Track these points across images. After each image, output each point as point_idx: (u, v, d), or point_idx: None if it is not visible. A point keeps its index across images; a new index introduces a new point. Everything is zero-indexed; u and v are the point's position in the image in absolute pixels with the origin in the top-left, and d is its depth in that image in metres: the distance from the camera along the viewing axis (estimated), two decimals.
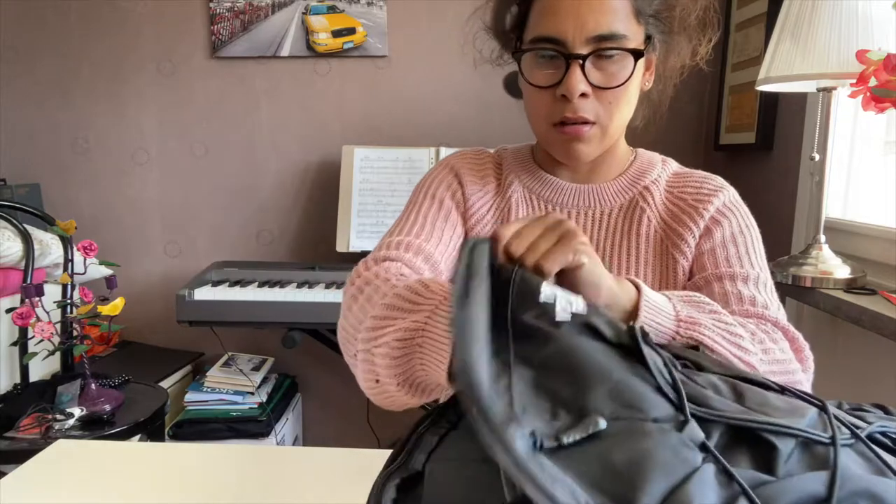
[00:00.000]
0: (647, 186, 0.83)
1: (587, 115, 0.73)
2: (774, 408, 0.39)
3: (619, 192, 0.84)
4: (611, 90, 0.72)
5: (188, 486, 0.70)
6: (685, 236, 0.80)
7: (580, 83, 0.71)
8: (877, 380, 1.26)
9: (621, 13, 0.71)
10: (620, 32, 0.70)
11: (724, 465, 0.33)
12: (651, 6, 0.74)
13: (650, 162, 0.86)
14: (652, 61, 0.79)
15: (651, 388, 0.37)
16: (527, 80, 0.75)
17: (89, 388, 1.49)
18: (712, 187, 0.82)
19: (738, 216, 0.81)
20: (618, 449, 0.33)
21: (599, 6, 0.70)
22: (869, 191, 1.46)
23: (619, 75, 0.72)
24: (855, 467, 0.35)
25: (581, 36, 0.70)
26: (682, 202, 0.82)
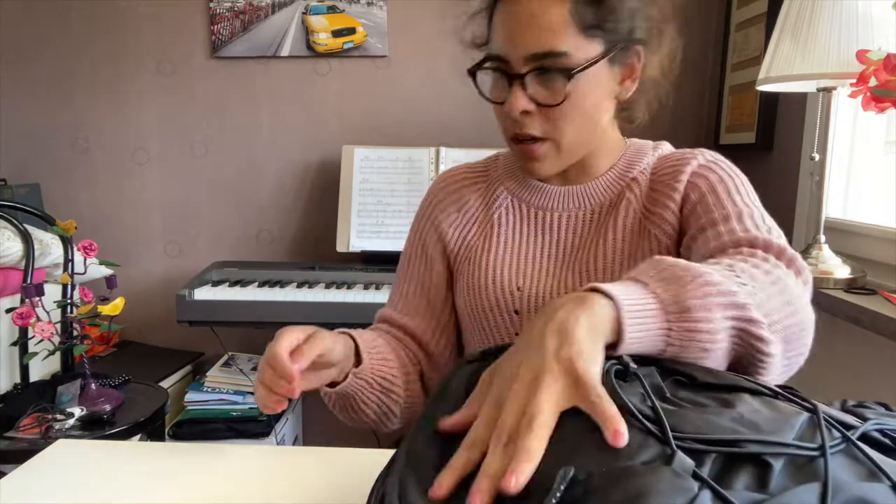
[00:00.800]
0: (634, 178, 0.83)
1: (533, 132, 0.74)
2: (765, 418, 0.39)
3: (606, 187, 0.83)
4: (555, 107, 0.72)
5: (188, 486, 0.70)
6: (664, 214, 0.79)
7: (519, 102, 0.72)
8: (877, 380, 1.26)
9: (561, 30, 0.70)
10: (559, 50, 0.70)
11: (717, 490, 0.33)
12: (594, 16, 0.71)
13: (640, 151, 0.85)
14: (634, 66, 0.77)
15: (636, 431, 0.37)
16: (484, 96, 0.78)
17: (89, 388, 1.49)
18: (683, 157, 0.82)
19: (715, 170, 0.80)
20: (615, 492, 0.33)
21: (537, 24, 0.70)
22: (869, 191, 1.46)
23: (560, 93, 0.72)
24: (846, 474, 0.35)
25: (520, 55, 0.72)
26: (660, 183, 0.81)
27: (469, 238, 0.88)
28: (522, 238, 0.85)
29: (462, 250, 0.88)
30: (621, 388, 0.40)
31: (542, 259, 0.84)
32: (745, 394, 0.42)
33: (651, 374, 0.44)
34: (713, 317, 0.49)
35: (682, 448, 0.36)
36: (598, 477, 0.34)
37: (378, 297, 1.73)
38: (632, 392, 0.41)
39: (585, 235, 0.83)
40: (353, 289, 1.78)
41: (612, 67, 0.75)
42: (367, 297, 1.74)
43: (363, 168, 2.01)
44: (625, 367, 0.44)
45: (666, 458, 0.35)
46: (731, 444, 0.36)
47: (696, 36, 2.11)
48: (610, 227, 0.81)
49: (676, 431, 0.37)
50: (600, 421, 0.38)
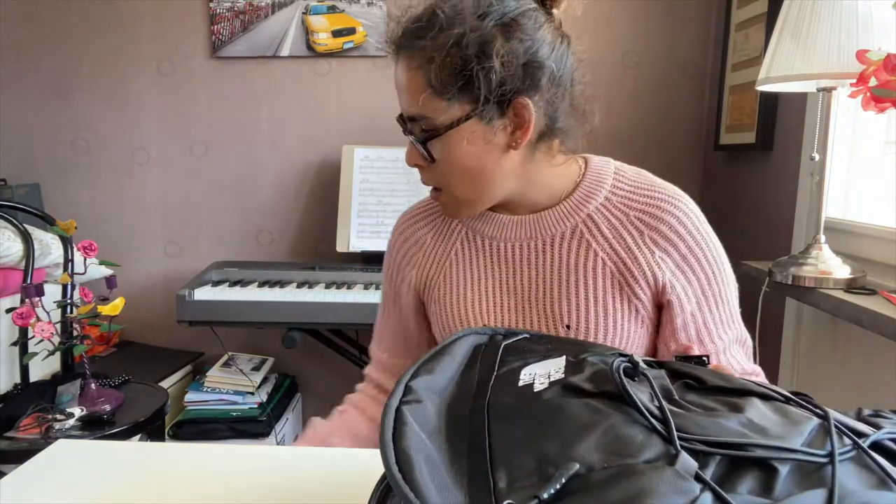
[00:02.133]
0: (590, 215, 0.80)
1: (430, 184, 0.82)
2: (773, 423, 0.38)
3: (560, 218, 0.81)
4: (434, 164, 0.77)
5: (188, 486, 0.70)
6: (636, 275, 0.78)
7: (409, 157, 0.80)
8: (877, 380, 1.26)
9: (419, 96, 0.73)
10: (421, 114, 0.75)
11: (719, 493, 0.33)
12: (443, 79, 0.71)
13: (598, 180, 0.82)
14: (522, 115, 0.73)
15: (641, 428, 0.37)
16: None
17: (89, 388, 1.49)
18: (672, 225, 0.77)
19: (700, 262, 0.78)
20: (614, 491, 0.33)
21: (405, 88, 0.75)
22: (869, 191, 1.46)
23: (431, 153, 0.77)
24: (854, 482, 0.35)
25: (403, 114, 0.78)
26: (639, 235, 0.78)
27: (431, 276, 0.89)
28: (481, 271, 0.85)
29: (427, 290, 0.90)
30: (629, 387, 0.40)
31: (502, 293, 0.84)
32: (755, 398, 0.42)
33: (660, 376, 0.44)
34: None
35: (687, 449, 0.36)
36: (598, 472, 0.34)
37: (378, 298, 1.72)
38: (640, 391, 0.41)
39: (542, 269, 0.82)
40: (353, 289, 1.78)
41: (492, 122, 0.73)
42: (367, 297, 1.74)
43: (363, 168, 2.01)
44: (634, 367, 0.44)
45: (669, 459, 0.35)
46: (737, 448, 0.36)
47: (696, 36, 2.11)
48: (572, 269, 0.80)
49: (682, 432, 0.37)
50: None
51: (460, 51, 0.70)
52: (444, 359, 0.52)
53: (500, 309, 0.83)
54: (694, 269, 0.78)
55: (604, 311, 0.79)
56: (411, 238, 0.92)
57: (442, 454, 0.41)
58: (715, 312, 0.80)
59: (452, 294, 0.86)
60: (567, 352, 0.50)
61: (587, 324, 0.79)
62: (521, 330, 0.60)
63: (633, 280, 0.78)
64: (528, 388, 0.45)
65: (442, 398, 0.47)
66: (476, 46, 0.70)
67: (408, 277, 0.92)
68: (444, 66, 0.71)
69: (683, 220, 0.78)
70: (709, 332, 0.79)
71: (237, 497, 0.67)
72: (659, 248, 0.78)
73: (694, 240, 0.78)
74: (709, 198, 2.13)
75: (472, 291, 0.85)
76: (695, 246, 0.78)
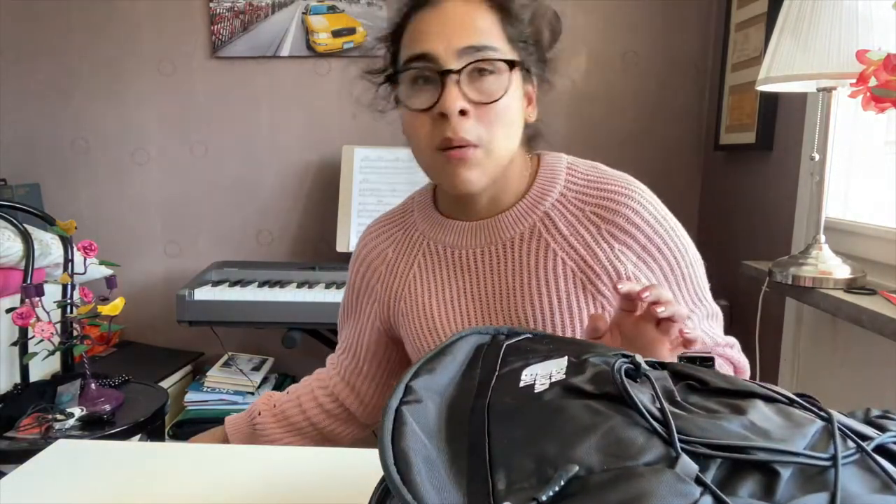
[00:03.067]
0: (546, 213, 0.79)
1: (468, 137, 0.71)
2: (776, 425, 0.38)
3: (516, 220, 0.80)
4: (490, 106, 0.71)
5: (188, 486, 0.70)
6: (599, 273, 0.77)
7: (457, 99, 0.69)
8: (877, 380, 1.26)
9: (491, 32, 0.72)
10: (492, 45, 0.71)
11: (720, 496, 0.33)
12: (523, 30, 0.74)
13: (551, 176, 0.81)
14: (532, 94, 0.78)
15: (642, 430, 0.37)
16: (405, 105, 0.74)
17: (89, 388, 1.49)
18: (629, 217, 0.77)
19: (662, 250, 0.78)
20: (614, 493, 0.33)
21: (469, 24, 0.71)
22: (869, 191, 1.46)
23: (496, 89, 0.71)
24: (857, 486, 0.35)
25: (452, 51, 0.70)
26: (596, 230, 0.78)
27: (396, 289, 0.87)
28: (444, 281, 0.84)
29: (394, 304, 0.88)
30: (630, 388, 0.40)
31: (466, 302, 0.82)
32: (758, 400, 0.41)
33: (663, 378, 0.44)
34: None
35: (688, 452, 0.35)
36: (598, 475, 0.34)
37: None
38: (641, 392, 0.40)
39: (504, 274, 0.80)
40: None
41: (523, 85, 0.76)
42: None
43: (363, 168, 2.01)
44: (636, 368, 0.44)
45: (670, 461, 0.35)
46: (739, 451, 0.36)
47: (696, 36, 2.11)
48: (532, 271, 0.79)
49: (683, 434, 0.37)
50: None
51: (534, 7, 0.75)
52: (445, 358, 0.52)
53: (466, 317, 0.82)
54: (655, 257, 0.77)
55: (569, 312, 0.78)
56: (374, 251, 0.90)
57: (441, 455, 0.40)
58: (683, 294, 0.80)
59: (417, 306, 0.85)
60: (569, 352, 0.50)
61: (553, 327, 0.78)
62: (524, 329, 0.60)
63: (595, 277, 0.77)
64: (529, 389, 0.45)
65: (443, 398, 0.47)
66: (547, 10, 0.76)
67: (373, 293, 0.91)
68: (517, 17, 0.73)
69: (639, 210, 0.77)
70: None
71: (237, 497, 0.67)
72: (618, 242, 0.77)
73: (652, 228, 0.77)
74: (709, 198, 2.13)
75: (437, 302, 0.84)
76: (653, 234, 0.77)
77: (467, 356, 0.54)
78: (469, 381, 0.49)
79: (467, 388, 0.48)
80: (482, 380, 0.49)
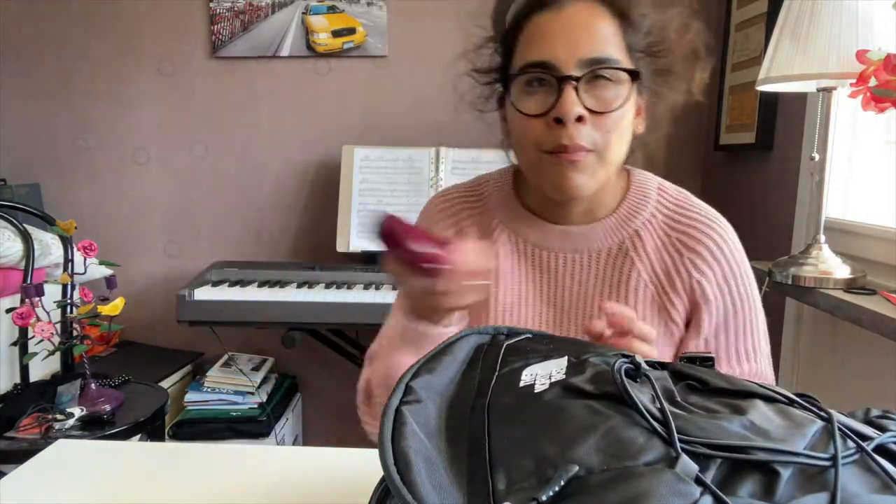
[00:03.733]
0: (637, 231, 0.79)
1: (584, 143, 0.69)
2: (776, 425, 0.38)
3: (607, 233, 0.79)
4: (607, 115, 0.70)
5: (188, 486, 0.70)
6: (675, 301, 0.77)
7: (575, 105, 0.68)
8: (877, 380, 1.26)
9: (613, 41, 0.71)
10: (613, 56, 0.70)
11: (719, 496, 0.33)
12: (642, 40, 0.73)
13: (643, 195, 0.81)
14: (641, 106, 0.77)
15: (642, 430, 0.37)
16: (516, 107, 0.72)
17: (89, 388, 1.49)
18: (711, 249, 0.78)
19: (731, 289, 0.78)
20: (613, 493, 0.33)
21: (592, 32, 0.70)
22: (869, 191, 1.46)
23: (614, 99, 0.70)
24: (857, 486, 0.35)
25: (574, 59, 0.69)
26: (679, 257, 0.78)
27: None
28: (522, 277, 0.81)
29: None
30: (630, 388, 0.40)
31: (542, 304, 0.80)
32: (758, 400, 0.41)
33: (663, 378, 0.44)
34: None
35: (688, 452, 0.35)
36: (598, 475, 0.34)
37: (378, 298, 1.73)
38: (641, 392, 0.40)
39: (585, 283, 0.79)
40: (353, 289, 1.78)
41: (636, 97, 0.75)
42: (367, 297, 1.74)
43: (363, 168, 2.01)
44: (636, 368, 0.44)
45: (670, 461, 0.35)
46: (739, 451, 0.36)
47: None
48: (614, 286, 0.78)
49: (683, 434, 0.37)
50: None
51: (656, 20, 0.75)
52: (445, 358, 0.52)
53: (539, 319, 0.80)
54: (724, 296, 0.77)
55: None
56: (452, 219, 0.85)
57: (441, 455, 0.40)
58: (730, 342, 0.78)
59: (492, 296, 0.80)
60: (569, 352, 0.49)
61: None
62: (524, 329, 0.60)
63: (670, 304, 0.77)
64: (529, 389, 0.45)
65: (443, 398, 0.47)
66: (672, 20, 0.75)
67: None
68: (638, 27, 0.73)
69: (722, 246, 0.78)
70: (726, 358, 0.78)
71: (237, 497, 0.67)
72: (697, 271, 0.77)
73: (729, 267, 0.78)
74: (709, 198, 2.12)
75: (513, 297, 0.80)
76: (728, 274, 0.77)
77: (467, 356, 0.54)
78: (469, 381, 0.49)
79: (467, 388, 0.48)
80: (482, 380, 0.49)
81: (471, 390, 0.48)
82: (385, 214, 0.61)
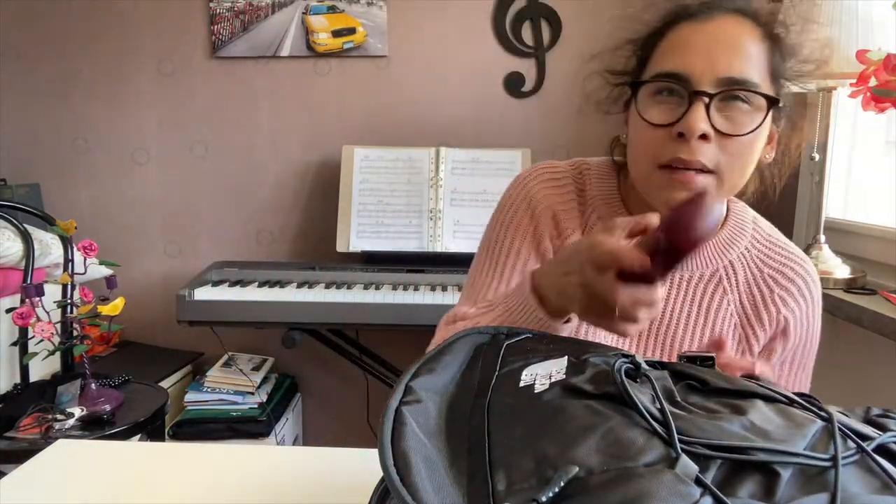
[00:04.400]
0: (732, 262, 0.78)
1: (704, 161, 0.65)
2: (776, 426, 0.38)
3: (706, 260, 0.78)
4: (735, 138, 0.65)
5: (188, 486, 0.70)
6: (762, 332, 0.78)
7: (702, 121, 0.64)
8: (877, 380, 1.26)
9: (757, 63, 0.66)
10: (755, 80, 0.65)
11: (719, 497, 0.33)
12: (788, 68, 0.69)
13: (741, 226, 0.80)
14: (775, 134, 0.73)
15: (642, 431, 0.37)
16: (640, 114, 0.69)
17: (89, 388, 1.49)
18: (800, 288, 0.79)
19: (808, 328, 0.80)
20: (613, 494, 0.33)
21: (736, 49, 0.66)
22: (869, 191, 1.46)
23: (747, 123, 0.65)
24: (857, 486, 0.35)
25: (711, 75, 0.65)
26: (769, 292, 0.78)
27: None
28: None
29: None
30: (630, 388, 0.40)
31: None
32: (758, 400, 0.41)
33: (663, 378, 0.44)
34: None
35: (688, 452, 0.35)
36: (598, 475, 0.34)
37: (378, 298, 1.73)
38: (641, 392, 0.40)
39: (674, 305, 0.78)
40: (353, 289, 1.78)
41: (772, 124, 0.71)
42: (367, 297, 1.74)
43: (363, 168, 2.01)
44: (636, 368, 0.44)
45: (670, 462, 0.35)
46: (739, 451, 0.36)
47: None
48: (703, 310, 0.77)
49: (683, 435, 0.36)
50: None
51: (803, 49, 0.70)
52: (445, 358, 0.52)
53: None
54: (802, 331, 0.79)
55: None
56: (557, 196, 0.80)
57: (441, 455, 0.40)
58: (785, 374, 0.81)
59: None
60: (569, 352, 0.50)
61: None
62: (524, 329, 0.60)
63: (753, 336, 0.78)
64: (529, 389, 0.44)
65: (443, 398, 0.47)
66: (813, 53, 0.71)
67: (542, 244, 0.79)
68: (789, 52, 0.69)
69: (811, 287, 0.79)
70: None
71: (237, 497, 0.67)
72: (786, 308, 0.78)
73: (810, 307, 0.79)
74: None
75: None
76: (809, 313, 0.79)
77: (467, 356, 0.54)
78: (469, 381, 0.49)
79: (467, 388, 0.48)
80: (482, 380, 0.49)
81: (471, 390, 0.48)
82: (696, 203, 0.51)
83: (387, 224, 1.97)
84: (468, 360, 0.53)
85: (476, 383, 0.48)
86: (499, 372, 0.49)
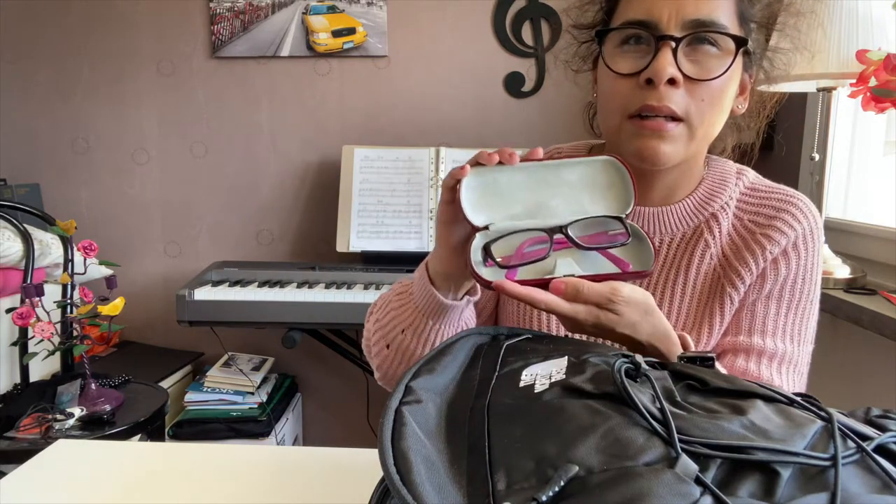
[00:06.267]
0: (714, 214, 0.75)
1: (673, 107, 0.64)
2: (776, 425, 0.38)
3: (684, 217, 0.76)
4: (704, 83, 0.64)
5: (188, 486, 0.70)
6: (743, 275, 0.74)
7: (669, 66, 0.62)
8: (877, 380, 1.26)
9: (724, 5, 0.65)
10: (722, 22, 0.64)
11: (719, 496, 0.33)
12: (757, 11, 0.68)
13: (722, 178, 0.77)
14: (747, 83, 0.71)
15: (642, 430, 0.37)
16: (608, 66, 0.67)
17: (89, 388, 1.49)
18: (786, 220, 0.73)
19: (802, 257, 0.74)
20: (613, 493, 0.33)
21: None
22: (869, 191, 1.46)
23: (716, 67, 0.64)
24: (857, 486, 0.35)
25: (677, 18, 0.63)
26: (750, 235, 0.74)
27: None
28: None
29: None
30: (630, 388, 0.40)
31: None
32: (758, 400, 0.41)
33: (663, 378, 0.44)
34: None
35: (688, 452, 0.35)
36: (598, 475, 0.34)
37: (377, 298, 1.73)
38: (641, 392, 0.40)
39: (656, 268, 0.76)
40: (353, 289, 1.78)
41: (742, 72, 0.69)
42: (367, 296, 1.74)
43: (363, 168, 2.01)
44: (636, 368, 0.44)
45: (670, 461, 0.35)
46: (739, 451, 0.36)
47: None
48: (682, 269, 0.76)
49: (683, 435, 0.37)
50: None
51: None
52: (445, 358, 0.52)
53: None
54: (788, 262, 0.74)
55: (699, 316, 0.75)
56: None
57: (441, 455, 0.41)
58: (770, 311, 0.75)
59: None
60: (569, 352, 0.50)
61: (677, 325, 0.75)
62: (525, 329, 0.60)
63: (730, 285, 0.74)
64: (529, 389, 0.45)
65: (442, 398, 0.47)
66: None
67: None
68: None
69: (798, 216, 0.73)
70: (763, 329, 0.74)
71: (237, 497, 0.67)
72: (771, 243, 0.73)
73: (805, 238, 0.74)
74: None
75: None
76: (801, 243, 0.74)
77: (467, 356, 0.54)
78: (469, 381, 0.49)
79: (467, 389, 0.48)
80: (482, 380, 0.49)
81: (471, 390, 0.48)
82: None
83: (387, 224, 1.97)
84: (468, 361, 0.53)
85: (476, 383, 0.49)
86: (499, 372, 0.49)
